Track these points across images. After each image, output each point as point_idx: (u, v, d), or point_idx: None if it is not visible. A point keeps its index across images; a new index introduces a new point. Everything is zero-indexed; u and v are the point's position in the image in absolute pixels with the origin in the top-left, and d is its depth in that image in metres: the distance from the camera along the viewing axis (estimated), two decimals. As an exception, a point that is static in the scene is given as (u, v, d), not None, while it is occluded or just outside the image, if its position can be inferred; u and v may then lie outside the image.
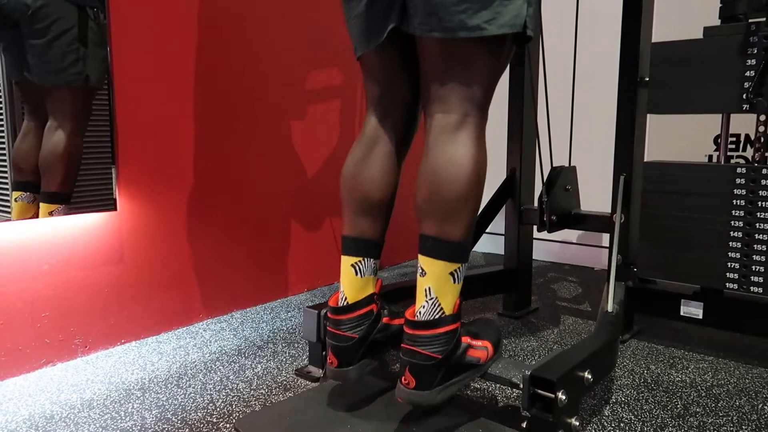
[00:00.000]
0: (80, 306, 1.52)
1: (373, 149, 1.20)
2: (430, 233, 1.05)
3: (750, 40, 1.38)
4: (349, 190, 1.20)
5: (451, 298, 1.05)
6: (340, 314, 1.17)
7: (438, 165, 1.05)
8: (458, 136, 1.05)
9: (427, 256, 1.06)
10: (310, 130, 2.12)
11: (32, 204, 1.41)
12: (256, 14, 1.90)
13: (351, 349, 1.16)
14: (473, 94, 1.05)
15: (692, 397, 1.31)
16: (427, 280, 1.06)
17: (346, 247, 1.20)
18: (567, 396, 1.03)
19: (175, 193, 1.72)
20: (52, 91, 1.44)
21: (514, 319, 1.84)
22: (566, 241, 2.63)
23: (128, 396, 1.32)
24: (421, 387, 1.04)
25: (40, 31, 1.39)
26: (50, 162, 1.43)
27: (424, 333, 1.04)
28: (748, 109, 1.40)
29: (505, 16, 1.00)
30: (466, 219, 1.05)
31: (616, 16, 1.60)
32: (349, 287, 1.18)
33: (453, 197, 1.03)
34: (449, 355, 1.04)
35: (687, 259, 1.50)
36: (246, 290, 1.95)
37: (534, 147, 1.82)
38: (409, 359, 1.04)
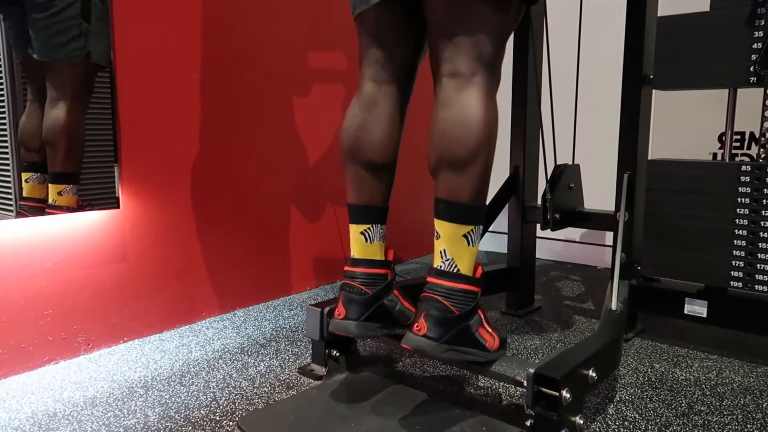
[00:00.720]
0: (83, 304, 1.52)
1: (373, 111, 1.18)
2: (441, 196, 1.06)
3: (757, 11, 1.36)
4: (353, 156, 1.19)
5: (467, 259, 1.06)
6: (357, 266, 1.18)
7: (447, 125, 1.05)
8: (466, 95, 1.04)
9: (440, 218, 1.07)
10: (313, 127, 2.12)
11: (42, 185, 1.41)
12: (261, 12, 1.89)
13: (361, 303, 1.16)
14: (481, 53, 1.04)
15: (697, 396, 1.30)
16: (441, 242, 1.07)
17: (354, 215, 1.21)
18: (571, 394, 1.02)
19: (178, 191, 1.71)
20: (52, 66, 1.42)
21: (518, 318, 1.84)
22: (569, 239, 2.62)
23: (131, 394, 1.32)
24: (432, 336, 1.03)
25: (42, 4, 1.38)
26: (52, 136, 1.42)
27: (445, 283, 1.05)
28: (755, 81, 1.38)
29: None
30: (475, 177, 1.04)
31: (620, 12, 1.59)
32: (361, 253, 1.20)
33: (462, 155, 1.03)
34: (464, 316, 1.05)
35: (691, 258, 1.50)
36: (249, 288, 1.95)
37: (537, 145, 1.82)
38: (426, 306, 1.05)
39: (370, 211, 1.20)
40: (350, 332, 1.17)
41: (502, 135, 1.81)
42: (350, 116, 1.21)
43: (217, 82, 1.78)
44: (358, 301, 1.17)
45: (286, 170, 2.05)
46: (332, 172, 2.20)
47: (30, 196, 1.41)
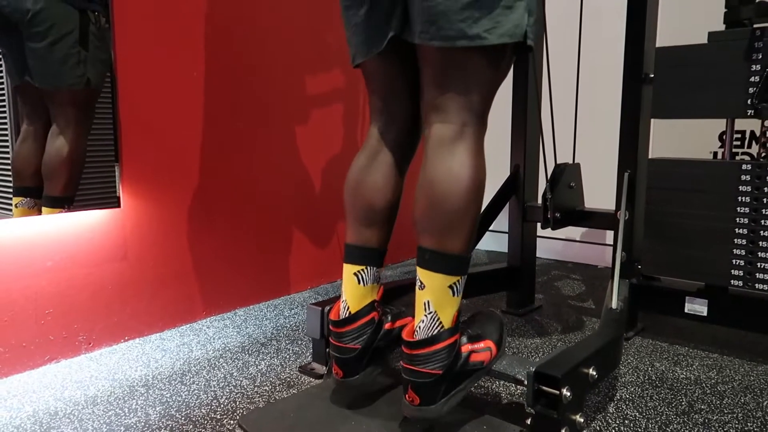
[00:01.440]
0: (84, 303, 1.52)
1: (377, 158, 1.19)
2: (428, 246, 1.04)
3: (755, 45, 1.38)
4: (353, 199, 1.20)
5: (450, 311, 1.04)
6: (342, 327, 1.16)
7: (436, 177, 1.04)
8: (456, 148, 1.03)
9: (426, 269, 1.04)
10: (314, 128, 2.12)
11: (33, 209, 1.41)
12: (261, 15, 1.89)
13: (355, 359, 1.15)
14: (472, 104, 1.04)
15: (697, 395, 1.30)
16: (426, 293, 1.04)
17: (349, 255, 1.19)
18: (572, 393, 1.02)
19: (179, 190, 1.72)
20: (54, 94, 1.44)
21: (518, 317, 1.84)
22: (570, 238, 2.62)
23: (132, 393, 1.32)
24: (426, 403, 1.03)
25: (40, 34, 1.39)
26: (53, 167, 1.43)
27: (423, 352, 1.02)
28: (752, 114, 1.39)
29: (506, 26, 0.99)
30: (465, 231, 1.04)
31: (621, 12, 1.59)
32: (351, 295, 1.17)
33: (451, 210, 1.02)
34: (450, 368, 1.03)
35: (692, 256, 1.50)
36: (249, 288, 1.95)
37: (538, 144, 1.82)
38: (410, 378, 1.04)
39: (366, 252, 1.18)
40: (355, 386, 1.17)
41: (502, 134, 1.82)
42: (356, 160, 1.22)
43: (218, 81, 1.78)
44: (352, 359, 1.15)
45: (287, 169, 2.05)
46: (333, 172, 2.20)
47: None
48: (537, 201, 1.85)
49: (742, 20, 1.45)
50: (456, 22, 0.98)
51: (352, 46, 1.17)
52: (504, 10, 0.98)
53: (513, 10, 0.99)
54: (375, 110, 1.21)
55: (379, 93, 1.20)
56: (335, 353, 1.17)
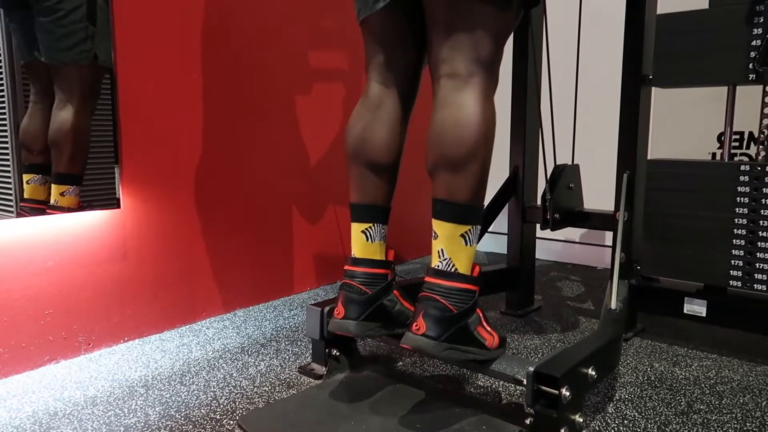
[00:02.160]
0: (84, 303, 1.52)
1: (378, 113, 1.20)
2: (439, 196, 1.07)
3: (756, 9, 1.37)
4: (357, 156, 1.21)
5: (464, 259, 1.06)
6: (357, 266, 1.19)
7: (444, 125, 1.06)
8: (464, 97, 1.05)
9: (438, 218, 1.07)
10: (313, 127, 2.12)
11: (44, 186, 1.42)
12: (263, 11, 1.90)
13: (361, 302, 1.17)
14: (479, 55, 1.05)
15: (696, 395, 1.30)
16: (439, 242, 1.07)
17: (356, 213, 1.21)
18: (571, 392, 1.03)
19: (179, 191, 1.72)
20: (60, 69, 1.44)
21: (518, 318, 1.84)
22: (569, 240, 2.62)
23: (132, 393, 1.32)
24: (431, 335, 1.04)
25: (50, 8, 1.39)
26: (59, 138, 1.43)
27: (443, 283, 1.05)
28: (754, 79, 1.38)
29: None
30: (473, 178, 1.05)
31: (620, 12, 1.60)
32: (361, 252, 1.20)
33: (459, 155, 1.04)
34: (463, 315, 1.05)
35: (690, 257, 1.50)
36: (249, 288, 1.95)
37: (537, 145, 1.82)
38: (424, 305, 1.05)
39: (372, 210, 1.21)
40: (349, 332, 1.18)
41: (501, 135, 1.82)
42: (355, 117, 1.23)
43: (218, 81, 1.78)
44: (358, 301, 1.17)
45: (287, 171, 2.05)
46: (333, 172, 2.20)
47: (31, 198, 1.41)
48: (536, 202, 1.85)
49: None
50: None
51: (358, 1, 1.18)
52: None
53: None
54: (376, 64, 1.22)
55: (382, 47, 1.20)
56: (344, 290, 1.19)
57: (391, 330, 1.22)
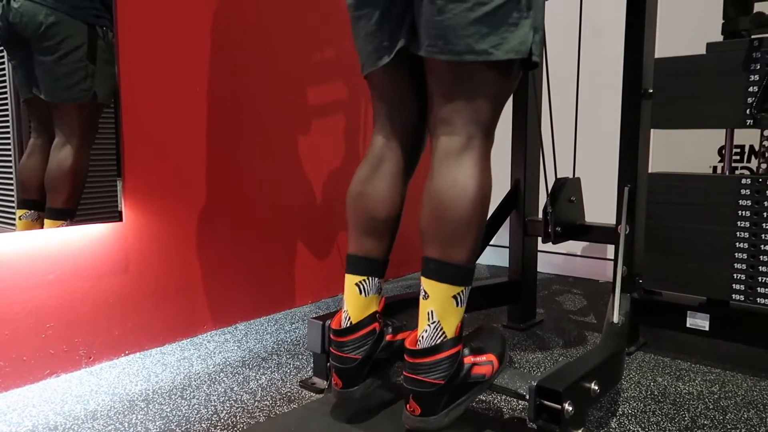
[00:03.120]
0: (85, 317, 1.52)
1: (379, 168, 1.20)
2: (433, 256, 1.05)
3: (753, 56, 1.39)
4: (355, 209, 1.20)
5: (453, 321, 1.04)
6: (343, 336, 1.16)
7: (442, 188, 1.05)
8: (463, 159, 1.05)
9: (430, 278, 1.05)
10: (316, 142, 2.13)
11: (36, 222, 1.42)
12: (264, 28, 1.91)
13: (355, 370, 1.15)
14: (479, 117, 1.06)
15: (700, 410, 1.29)
16: (429, 303, 1.05)
17: (351, 265, 1.20)
18: (573, 407, 1.02)
19: (180, 204, 1.72)
20: (59, 107, 1.45)
21: (519, 331, 1.84)
22: (571, 253, 2.62)
23: (132, 407, 1.31)
24: (427, 413, 1.03)
25: (51, 48, 1.41)
26: (56, 178, 1.44)
27: (426, 360, 1.03)
28: (751, 124, 1.40)
29: (512, 42, 1.01)
30: (469, 242, 1.05)
31: (620, 27, 1.61)
32: (353, 306, 1.17)
33: (456, 220, 1.03)
34: (452, 379, 1.03)
35: (692, 271, 1.50)
36: (250, 302, 1.95)
37: (538, 158, 1.82)
38: (412, 387, 1.04)
39: (367, 263, 1.19)
40: (355, 398, 1.17)
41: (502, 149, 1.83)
42: (359, 170, 1.23)
43: (220, 95, 1.80)
44: (351, 370, 1.15)
45: (288, 185, 2.06)
46: (334, 186, 2.20)
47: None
48: (537, 215, 1.85)
49: (740, 31, 1.46)
50: (464, 37, 1.00)
51: (362, 56, 1.19)
52: (510, 27, 1.01)
53: (519, 27, 1.02)
54: (379, 120, 1.22)
55: (385, 103, 1.21)
56: (335, 363, 1.17)
57: (392, 365, 1.22)
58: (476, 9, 0.99)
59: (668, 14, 2.00)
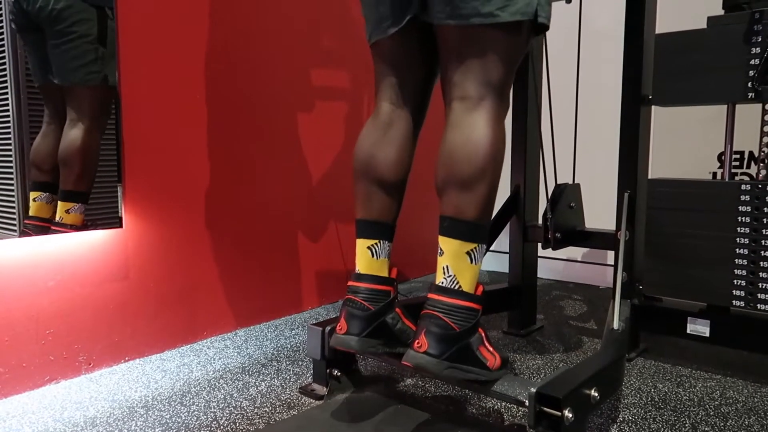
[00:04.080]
0: (85, 323, 1.52)
1: (388, 132, 1.23)
2: (447, 213, 1.08)
3: (754, 28, 1.39)
4: (366, 173, 1.23)
5: (469, 277, 1.07)
6: (361, 281, 1.20)
7: (455, 145, 1.08)
8: (475, 118, 1.08)
9: (444, 235, 1.08)
10: (316, 148, 2.13)
11: (50, 204, 1.43)
12: (265, 31, 1.92)
13: (364, 318, 1.17)
14: (489, 79, 1.09)
15: (700, 416, 1.29)
16: (444, 258, 1.08)
17: (362, 230, 1.23)
18: (574, 414, 1.02)
19: (181, 211, 1.72)
20: (71, 90, 1.48)
21: (520, 337, 1.83)
22: (571, 259, 2.62)
23: (132, 414, 1.31)
24: (432, 353, 1.04)
25: (62, 31, 1.43)
26: (68, 156, 1.46)
27: (446, 300, 1.06)
28: (753, 97, 1.39)
29: (517, 4, 1.05)
30: (481, 196, 1.07)
31: (619, 33, 1.61)
32: (366, 268, 1.21)
33: (468, 173, 1.06)
34: (465, 333, 1.05)
35: (693, 277, 1.50)
36: (250, 308, 1.95)
37: (538, 164, 1.83)
38: (427, 323, 1.05)
39: (378, 226, 1.22)
40: (351, 347, 1.18)
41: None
42: (365, 134, 1.25)
43: (222, 101, 1.80)
44: (361, 317, 1.18)
45: (289, 190, 2.06)
46: (335, 191, 2.20)
47: (36, 215, 1.42)
48: (537, 221, 1.85)
49: (741, 4, 1.46)
50: (470, 1, 1.04)
51: (370, 24, 1.22)
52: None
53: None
54: (387, 85, 1.24)
55: (392, 69, 1.23)
56: (347, 306, 1.19)
57: (392, 348, 1.22)
58: None
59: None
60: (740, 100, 1.43)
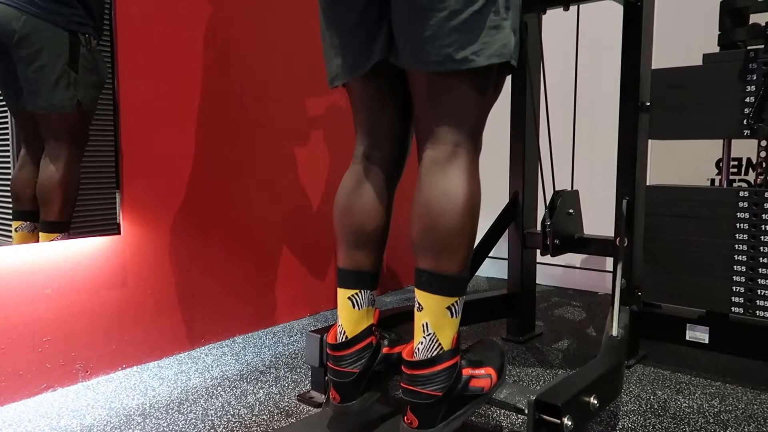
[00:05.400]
0: (82, 330, 1.51)
1: (364, 180, 1.17)
2: (425, 267, 1.03)
3: (749, 66, 1.40)
4: (343, 222, 1.18)
5: (449, 332, 1.03)
6: (340, 350, 1.14)
7: (430, 198, 1.03)
8: (449, 169, 1.03)
9: (423, 290, 1.04)
10: (313, 155, 2.14)
11: (33, 233, 1.41)
12: (262, 39, 1.92)
13: (353, 384, 1.14)
14: (463, 126, 1.04)
15: (700, 424, 1.29)
16: (424, 315, 1.04)
17: (343, 279, 1.18)
18: (573, 422, 1.01)
19: (179, 217, 1.72)
20: (45, 118, 1.42)
21: (519, 344, 1.83)
22: (570, 265, 2.62)
23: (129, 422, 1.30)
24: (425, 426, 1.02)
25: (29, 56, 1.37)
26: (47, 192, 1.42)
27: (423, 372, 1.02)
28: (748, 134, 1.41)
29: (494, 46, 0.99)
30: (461, 252, 1.03)
31: (617, 40, 1.62)
32: (347, 320, 1.16)
33: (447, 231, 1.01)
34: (450, 391, 1.02)
35: (692, 283, 1.49)
36: (248, 315, 1.94)
37: (536, 170, 1.83)
38: (409, 399, 1.03)
39: (358, 276, 1.17)
40: (353, 413, 1.16)
41: (500, 161, 1.83)
42: (344, 182, 1.20)
43: (219, 109, 1.80)
44: (349, 385, 1.14)
45: (286, 197, 2.06)
46: (331, 197, 2.20)
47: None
48: (536, 228, 1.85)
49: (736, 42, 1.47)
50: (443, 47, 0.98)
51: (332, 68, 1.15)
52: (490, 31, 0.99)
53: (499, 30, 1.00)
54: (361, 129, 1.20)
55: (364, 112, 1.18)
56: (333, 377, 1.16)
57: (392, 377, 1.21)
58: (454, 17, 0.97)
59: (666, 27, 2.02)
60: (735, 137, 1.45)
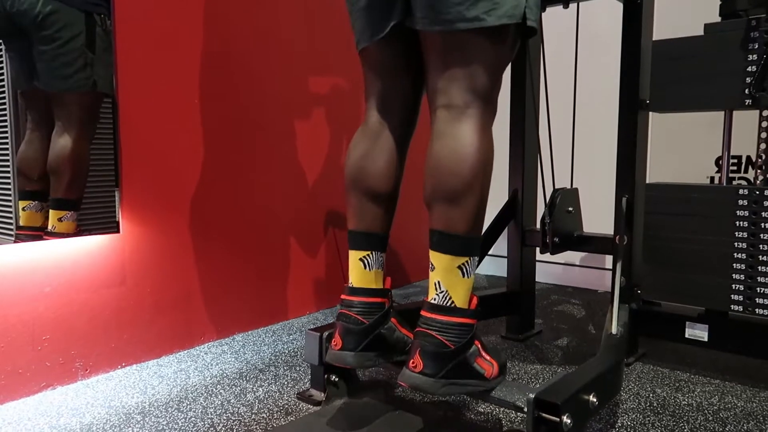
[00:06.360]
0: (81, 329, 1.51)
1: (377, 142, 1.20)
2: (436, 227, 1.06)
3: (751, 35, 1.39)
4: (356, 184, 1.21)
5: (461, 291, 1.05)
6: (353, 295, 1.17)
7: (441, 156, 1.05)
8: (461, 127, 1.05)
9: (435, 250, 1.06)
10: (313, 152, 2.13)
11: (40, 213, 1.42)
12: (261, 37, 1.92)
13: (358, 333, 1.15)
14: (475, 86, 1.06)
15: (699, 421, 1.29)
16: (436, 274, 1.06)
17: (354, 241, 1.21)
18: (572, 420, 1.01)
19: (178, 215, 1.72)
20: (59, 97, 1.45)
21: (518, 342, 1.83)
22: (569, 263, 2.62)
23: (128, 420, 1.30)
24: (428, 372, 1.02)
25: (49, 37, 1.41)
26: (58, 165, 1.43)
27: (440, 318, 1.04)
28: (750, 104, 1.40)
29: (504, 6, 1.01)
30: (470, 210, 1.04)
31: (617, 37, 1.62)
32: (359, 280, 1.19)
33: (456, 187, 1.03)
34: (461, 350, 1.04)
35: (691, 281, 1.49)
36: (248, 313, 1.94)
37: (536, 168, 1.83)
38: (421, 342, 1.04)
39: (370, 238, 1.20)
40: (347, 363, 1.16)
41: (500, 159, 1.82)
42: (354, 145, 1.23)
43: (218, 106, 1.80)
44: (355, 332, 1.15)
45: (286, 195, 2.06)
46: (332, 196, 2.20)
47: (27, 225, 1.41)
48: (536, 225, 1.85)
49: (738, 11, 1.46)
50: (454, 5, 1.01)
51: (356, 32, 1.19)
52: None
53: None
54: (374, 94, 1.22)
55: (380, 77, 1.21)
56: (341, 321, 1.17)
57: (389, 358, 1.21)
58: None
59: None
60: (738, 107, 1.44)
